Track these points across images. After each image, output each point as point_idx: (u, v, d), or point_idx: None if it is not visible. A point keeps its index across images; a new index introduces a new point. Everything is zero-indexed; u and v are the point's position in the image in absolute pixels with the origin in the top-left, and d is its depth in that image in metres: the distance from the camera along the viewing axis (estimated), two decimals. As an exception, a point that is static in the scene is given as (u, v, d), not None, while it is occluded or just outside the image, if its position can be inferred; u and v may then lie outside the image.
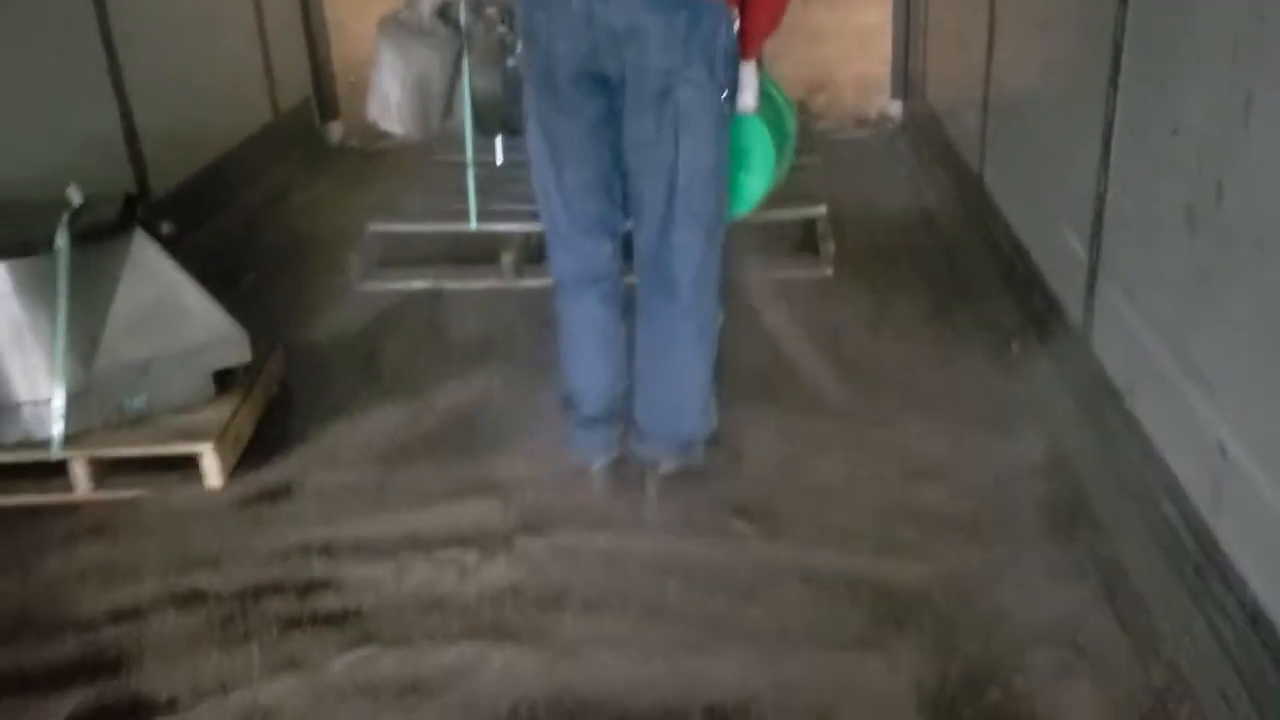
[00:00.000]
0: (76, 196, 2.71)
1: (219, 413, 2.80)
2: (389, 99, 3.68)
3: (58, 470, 2.68)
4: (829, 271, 3.71)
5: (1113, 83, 2.43)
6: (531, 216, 3.83)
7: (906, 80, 5.50)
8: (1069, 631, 2.14)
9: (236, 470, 2.79)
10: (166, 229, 2.91)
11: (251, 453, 2.87)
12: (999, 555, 2.37)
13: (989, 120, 3.77)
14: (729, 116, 2.36)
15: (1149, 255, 2.26)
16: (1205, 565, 1.94)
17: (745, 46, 2.33)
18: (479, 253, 3.96)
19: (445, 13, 3.73)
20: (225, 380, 2.91)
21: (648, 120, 2.28)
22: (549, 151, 2.39)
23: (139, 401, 2.74)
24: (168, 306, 2.78)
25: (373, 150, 5.66)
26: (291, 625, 2.24)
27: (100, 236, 2.69)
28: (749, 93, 2.43)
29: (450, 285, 3.83)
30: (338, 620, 2.25)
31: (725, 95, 2.30)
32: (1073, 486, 2.57)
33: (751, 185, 2.58)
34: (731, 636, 2.16)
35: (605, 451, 2.64)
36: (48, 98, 3.41)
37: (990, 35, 3.76)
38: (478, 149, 3.94)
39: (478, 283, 3.80)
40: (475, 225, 3.80)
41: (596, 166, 2.39)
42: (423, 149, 4.66)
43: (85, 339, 2.66)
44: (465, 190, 3.85)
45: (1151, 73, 2.29)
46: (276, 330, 3.37)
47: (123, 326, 2.72)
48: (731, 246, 2.60)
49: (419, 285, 3.83)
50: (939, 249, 4.02)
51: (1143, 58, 2.34)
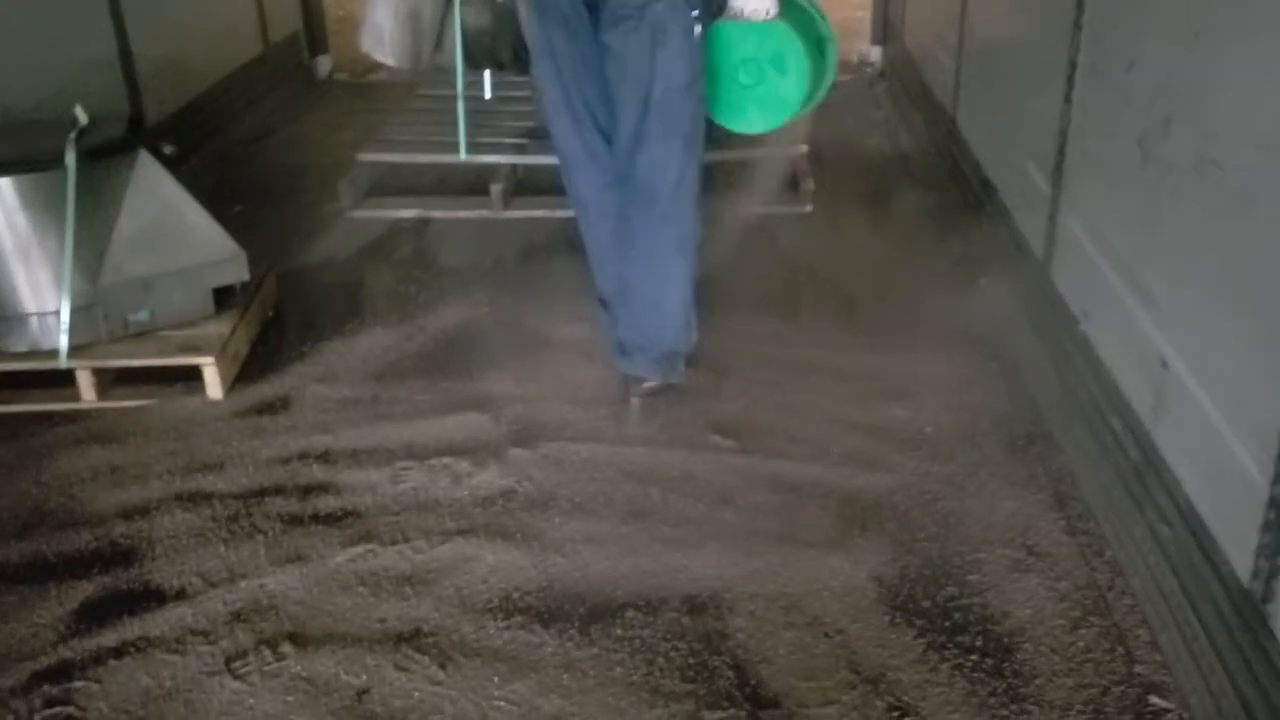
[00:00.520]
0: (83, 116, 2.80)
1: (219, 328, 2.92)
2: (382, 30, 3.75)
3: (65, 379, 2.79)
4: (808, 208, 3.84)
5: (1076, 24, 2.55)
6: (518, 149, 3.96)
7: (886, 26, 5.60)
8: (1020, 535, 2.31)
9: (236, 384, 2.91)
10: (169, 150, 2.99)
11: (250, 368, 3.00)
12: (959, 467, 2.53)
13: (963, 63, 3.89)
14: (703, 34, 2.49)
15: (1105, 186, 2.40)
16: (1146, 471, 2.10)
17: None
18: (468, 183, 4.07)
19: (437, -54, 3.79)
20: (224, 298, 3.02)
21: (622, 33, 2.42)
22: (555, 72, 2.55)
23: (142, 315, 2.86)
24: (170, 224, 2.88)
25: (361, 84, 5.73)
26: (294, 523, 2.38)
27: (106, 155, 2.79)
28: None
29: (439, 214, 3.94)
30: (338, 519, 2.39)
31: (696, 13, 2.44)
32: (1030, 405, 2.74)
33: (788, 88, 2.65)
34: (707, 537, 2.31)
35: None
36: (47, 25, 3.47)
37: (967, -20, 3.87)
38: (466, 83, 4.02)
39: (466, 212, 3.91)
40: (465, 156, 3.90)
41: (600, 81, 2.54)
42: (410, 83, 4.74)
43: (91, 254, 2.77)
44: (453, 123, 3.94)
45: (1111, 13, 2.42)
46: (270, 254, 3.48)
47: (127, 243, 2.82)
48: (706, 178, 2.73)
49: (408, 214, 3.94)
50: (914, 187, 4.15)
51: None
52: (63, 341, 2.76)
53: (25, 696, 1.94)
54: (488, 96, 4.32)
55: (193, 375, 2.85)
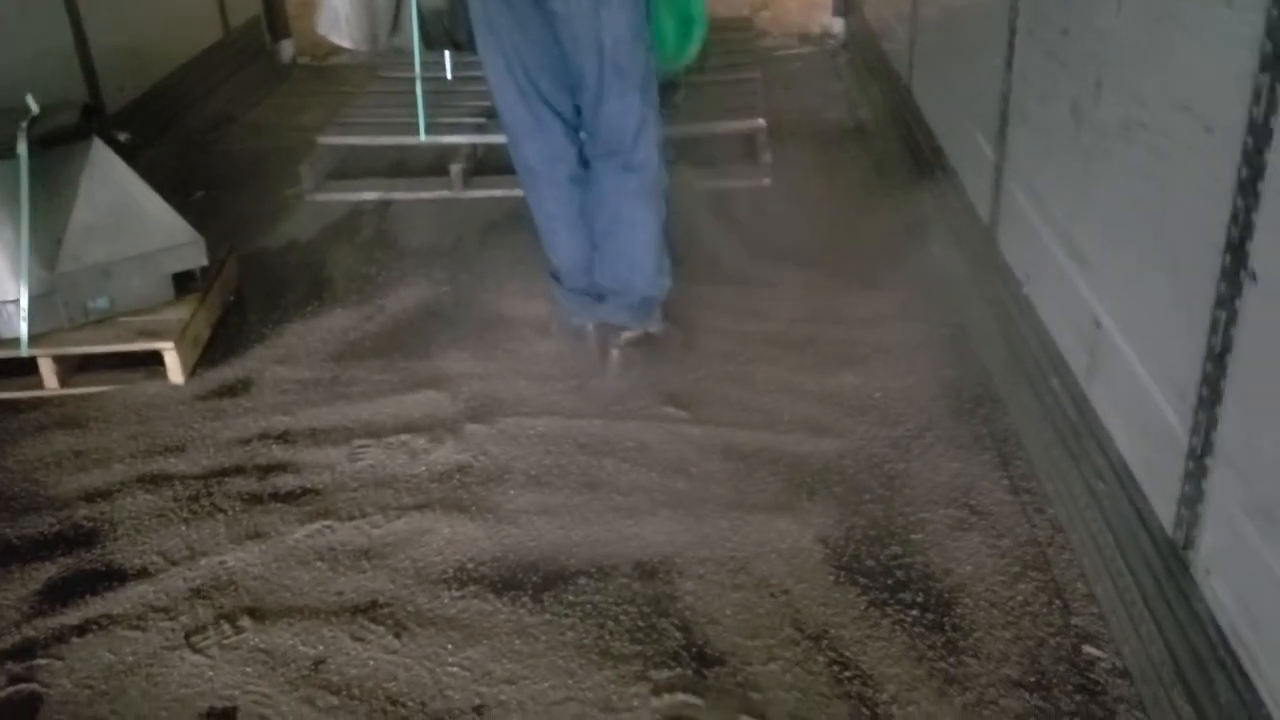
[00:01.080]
0: (34, 105, 2.82)
1: (179, 313, 2.95)
2: (338, 13, 3.78)
3: (27, 368, 2.82)
4: (766, 181, 3.87)
5: (1016, -11, 2.60)
6: (478, 129, 3.99)
7: (847, -2, 5.64)
8: (964, 494, 2.37)
9: (197, 368, 2.95)
10: (124, 137, 3.01)
11: (211, 352, 3.03)
12: (906, 431, 2.58)
13: (916, 33, 3.93)
14: None
15: (1043, 150, 2.45)
16: (1082, 428, 2.16)
17: None
18: (428, 164, 4.09)
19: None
20: (184, 284, 3.05)
21: None
22: (496, 43, 2.60)
23: (102, 302, 2.88)
24: (127, 211, 2.90)
25: (324, 68, 5.73)
26: (253, 502, 2.43)
27: (59, 143, 2.81)
28: None
29: (400, 196, 3.96)
30: (296, 497, 2.44)
31: None
32: (977, 370, 2.79)
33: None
34: (659, 504, 2.36)
35: (586, 315, 2.88)
36: (1, 13, 3.47)
37: (919, -49, 3.90)
38: (427, 64, 4.04)
39: (427, 193, 3.93)
40: (424, 137, 3.92)
41: (541, 49, 2.60)
42: (372, 65, 4.76)
43: (48, 242, 2.79)
44: (414, 104, 3.96)
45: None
46: (231, 239, 3.50)
47: (84, 230, 2.84)
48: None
49: (369, 196, 3.96)
50: (871, 158, 4.19)
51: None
52: (23, 330, 2.79)
53: (-11, 675, 1.98)
54: (449, 77, 4.35)
55: (154, 360, 2.88)
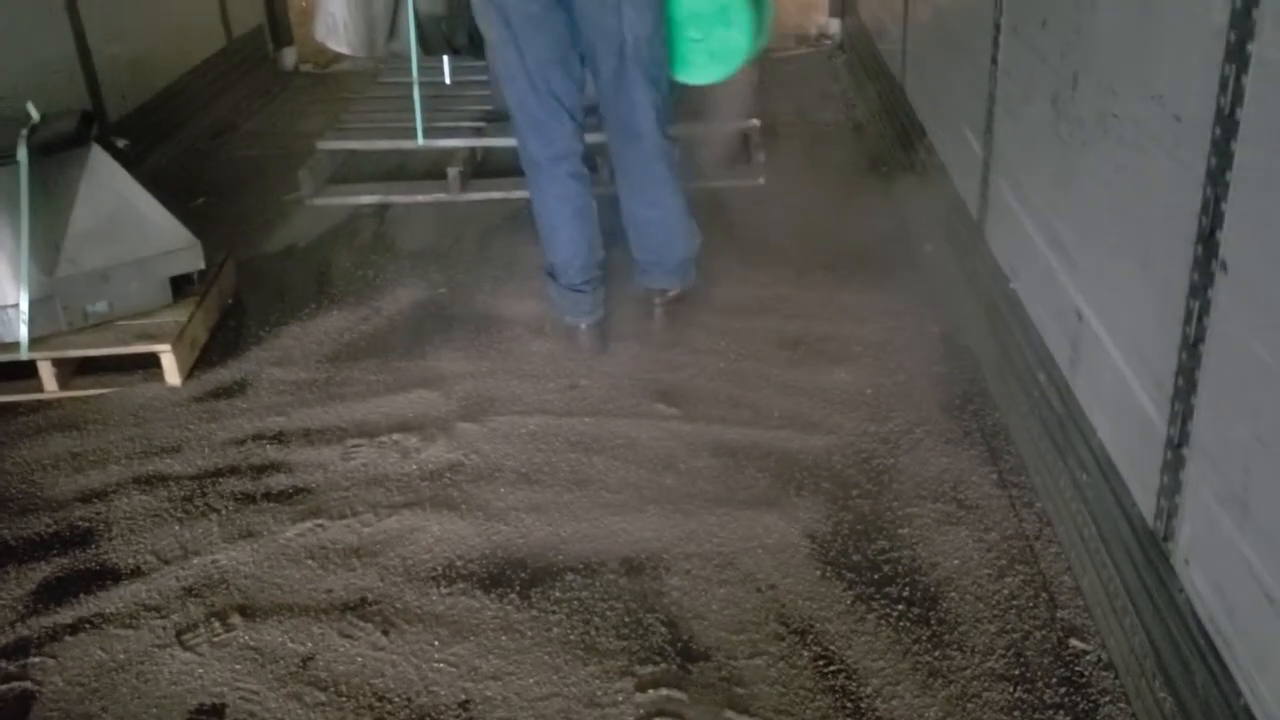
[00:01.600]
0: (34, 113, 2.85)
1: (176, 316, 2.98)
2: (336, 19, 3.81)
3: (27, 371, 2.85)
4: (760, 180, 3.89)
5: (1001, -14, 2.61)
6: (475, 133, 4.01)
7: (844, -1, 5.66)
8: (952, 489, 2.38)
9: (194, 370, 2.97)
10: (122, 144, 3.05)
11: (208, 354, 3.06)
12: (896, 427, 2.59)
13: (909, 33, 3.94)
14: None
15: (1026, 145, 2.46)
16: (1067, 421, 2.16)
17: None
18: (426, 168, 4.12)
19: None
20: (182, 287, 3.08)
21: None
22: (509, 36, 2.66)
23: (100, 306, 2.91)
24: (125, 216, 2.93)
25: (326, 75, 5.77)
26: (247, 501, 2.45)
27: (58, 150, 2.84)
28: None
29: (398, 199, 3.99)
30: (289, 496, 2.46)
31: None
32: (969, 364, 2.80)
33: (735, 39, 2.85)
34: (647, 501, 2.37)
35: (589, 315, 2.94)
36: (4, 23, 3.51)
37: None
38: (425, 69, 4.06)
39: (425, 196, 3.96)
40: (421, 141, 3.95)
41: (554, 45, 2.67)
42: (374, 71, 4.79)
43: (47, 247, 2.82)
44: (412, 109, 3.98)
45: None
46: (231, 244, 3.54)
47: (83, 235, 2.87)
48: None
49: (368, 200, 3.99)
50: (866, 157, 4.20)
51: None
52: (23, 333, 2.82)
53: (-17, 673, 2.01)
54: (447, 82, 4.38)
55: (152, 363, 2.90)
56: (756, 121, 3.99)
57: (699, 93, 4.19)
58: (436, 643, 2.02)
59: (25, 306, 2.80)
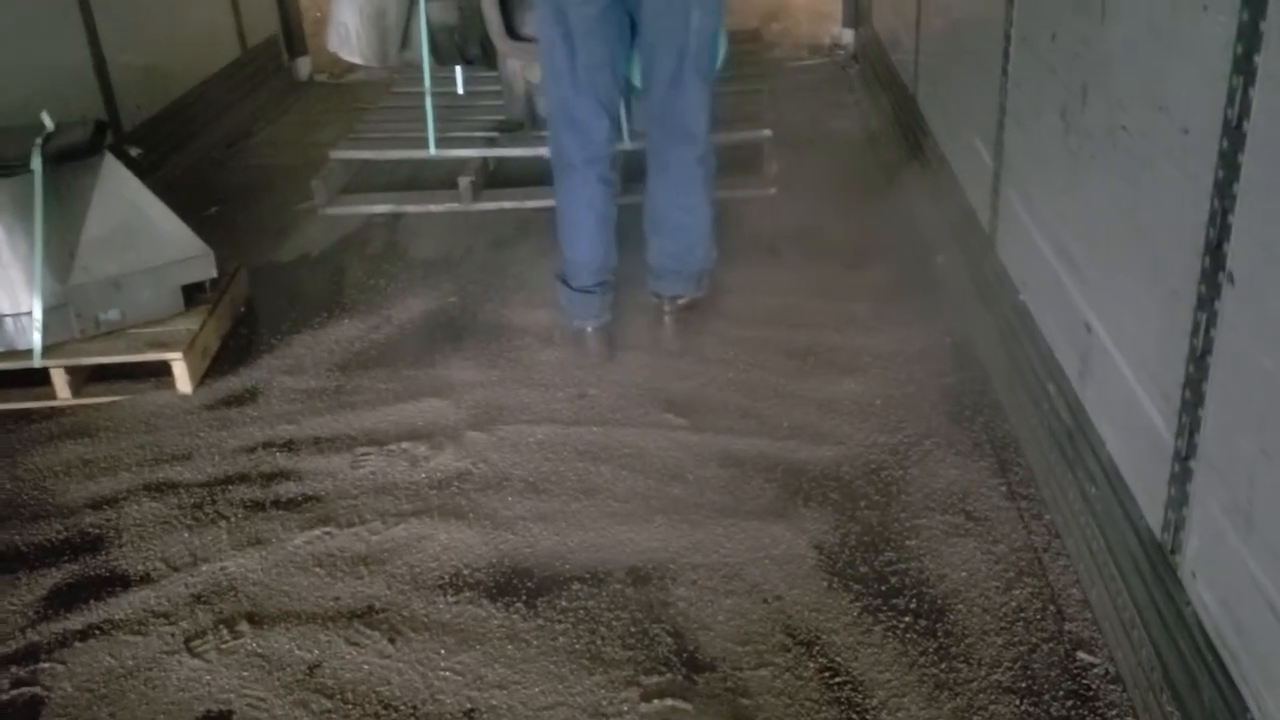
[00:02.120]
0: (48, 122, 2.88)
1: (188, 324, 3.00)
2: (348, 29, 3.82)
3: (40, 378, 2.87)
4: (772, 191, 3.89)
5: (1010, -1, 2.61)
6: (488, 143, 4.03)
7: (857, 9, 5.65)
8: (961, 500, 2.37)
9: (205, 378, 2.99)
10: (135, 153, 3.07)
11: (219, 362, 3.07)
12: (905, 438, 2.59)
13: (921, 43, 3.94)
14: None
15: (1036, 156, 2.46)
16: (1076, 433, 2.16)
17: None
18: (439, 178, 4.13)
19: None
20: (194, 296, 3.09)
21: None
22: (562, 35, 2.68)
23: (113, 314, 2.93)
24: (137, 225, 2.95)
25: (340, 85, 5.80)
26: (256, 509, 2.46)
27: (72, 159, 2.86)
28: None
29: (410, 209, 4.01)
30: (298, 504, 2.47)
31: None
32: (979, 376, 2.79)
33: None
34: (654, 511, 2.37)
35: (598, 318, 2.95)
36: (20, 34, 3.55)
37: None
38: (439, 79, 4.08)
39: (437, 206, 3.97)
40: (434, 151, 3.96)
41: (607, 47, 2.70)
42: (389, 81, 4.81)
43: (61, 255, 2.84)
44: (424, 118, 4.00)
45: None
46: (244, 253, 3.56)
47: (96, 244, 2.89)
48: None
49: (380, 209, 4.00)
50: (878, 168, 4.20)
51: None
52: (36, 341, 2.84)
53: (-7, 678, 2.02)
54: (460, 92, 4.39)
55: (164, 371, 2.92)
56: (768, 131, 3.99)
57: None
58: (443, 651, 2.02)
59: (39, 314, 2.82)
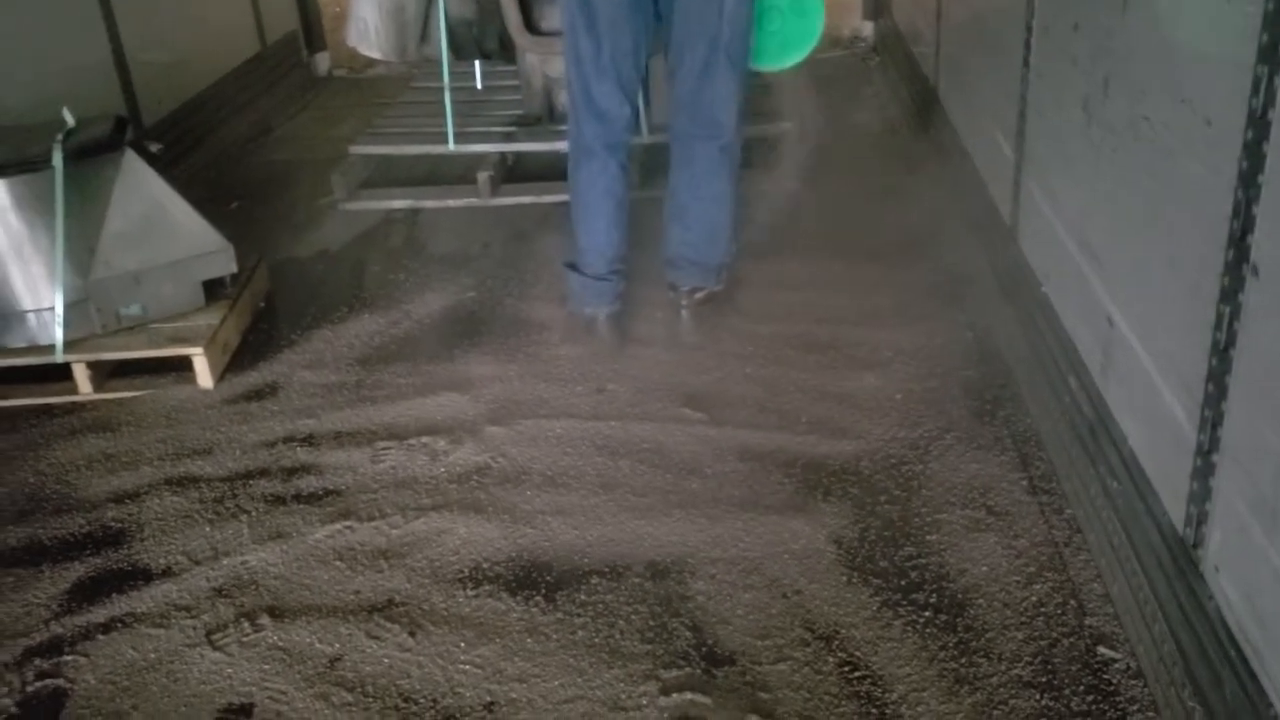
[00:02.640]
0: (69, 118, 2.89)
1: (209, 319, 3.01)
2: (367, 24, 3.83)
3: (62, 373, 2.89)
4: (791, 183, 3.87)
5: (1032, -13, 2.59)
6: (506, 138, 4.03)
7: (876, 1, 5.62)
8: (981, 495, 2.36)
9: (226, 373, 3.00)
10: (155, 148, 3.08)
11: (240, 357, 3.09)
12: (926, 432, 2.58)
13: (941, 35, 3.91)
14: None
15: (1058, 149, 2.44)
16: (1098, 428, 2.14)
17: None
18: (457, 173, 4.14)
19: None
20: (214, 291, 3.11)
21: None
22: (587, 23, 2.68)
23: (134, 309, 2.95)
24: (158, 220, 2.97)
25: (360, 80, 5.81)
26: (277, 503, 2.47)
27: (92, 154, 2.88)
28: None
29: (429, 204, 4.01)
30: (319, 498, 2.48)
31: None
32: (999, 370, 2.78)
33: (810, 27, 2.99)
34: (673, 505, 2.37)
35: (610, 305, 2.96)
36: (40, 30, 3.57)
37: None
38: (457, 74, 4.09)
39: (455, 201, 3.98)
40: (453, 146, 3.97)
41: (633, 35, 2.71)
42: (408, 76, 4.82)
43: (82, 250, 2.86)
44: (443, 113, 4.00)
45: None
46: (263, 247, 3.58)
47: (116, 239, 2.91)
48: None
49: (399, 204, 4.01)
50: (898, 161, 4.17)
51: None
52: (58, 336, 2.86)
53: (18, 670, 2.04)
54: (479, 87, 4.40)
55: (184, 365, 2.94)
56: (788, 124, 3.98)
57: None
58: (462, 644, 2.03)
59: (60, 309, 2.84)
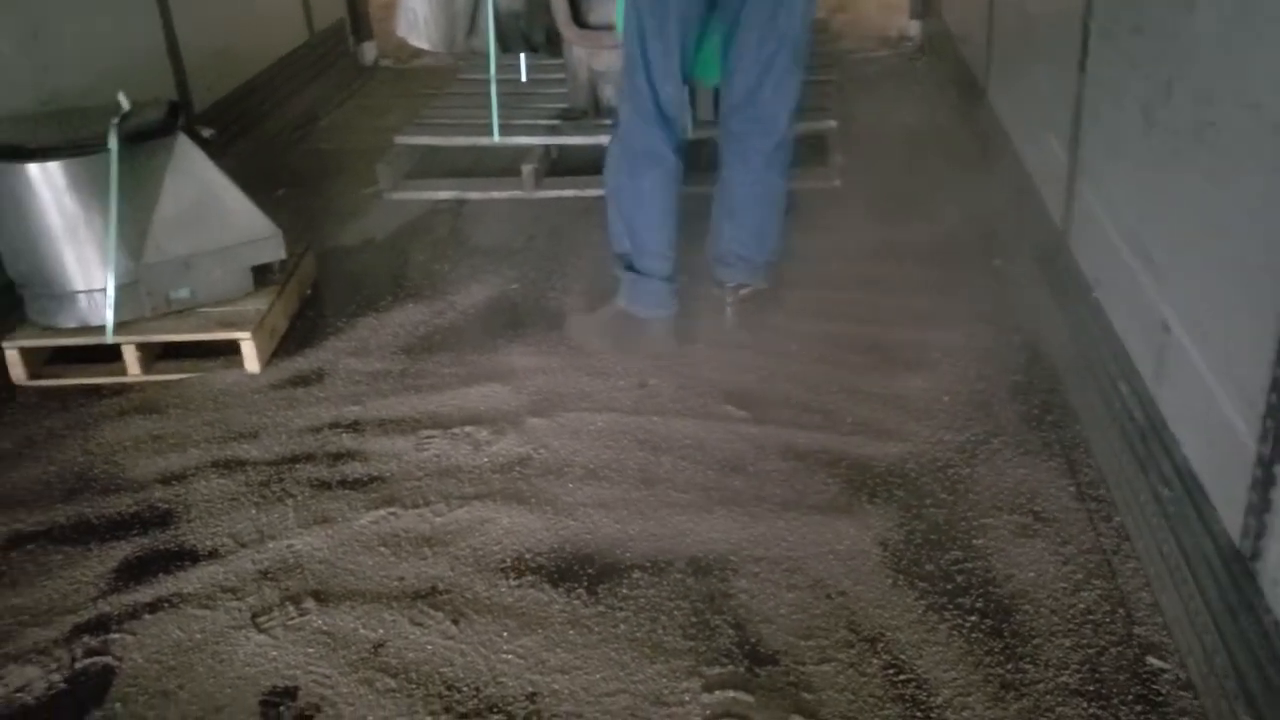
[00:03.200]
0: (125, 102, 2.92)
1: (257, 304, 3.03)
2: (416, 15, 3.85)
3: (112, 354, 2.92)
4: (836, 182, 3.85)
5: (1090, -10, 2.56)
6: (551, 130, 4.03)
7: (924, 1, 5.58)
8: (1029, 500, 2.33)
9: (273, 358, 3.03)
10: (208, 133, 3.11)
11: (287, 343, 3.11)
12: (973, 436, 2.55)
13: (993, 36, 3.88)
14: None
15: (1114, 153, 2.41)
16: (1150, 435, 2.12)
17: None
18: (502, 165, 4.14)
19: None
20: (263, 276, 3.13)
21: None
22: (658, 25, 2.70)
23: (184, 292, 2.98)
24: (209, 205, 2.99)
25: (406, 70, 5.84)
26: (322, 488, 2.49)
27: (147, 138, 2.91)
28: None
29: (474, 195, 4.03)
30: (363, 484, 2.49)
31: None
32: (1049, 374, 2.75)
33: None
34: (715, 502, 2.36)
35: (667, 307, 2.95)
36: (98, 14, 3.61)
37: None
38: (503, 67, 4.10)
39: (499, 193, 3.99)
40: (497, 138, 3.98)
41: (696, 34, 2.74)
42: (453, 68, 4.84)
43: (134, 233, 2.89)
44: (489, 105, 4.02)
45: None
46: (310, 235, 3.60)
47: (168, 223, 2.94)
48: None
49: (444, 195, 4.03)
50: (946, 161, 4.14)
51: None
52: (109, 318, 2.89)
53: (67, 646, 2.06)
54: (524, 79, 4.41)
55: (232, 350, 2.96)
56: (834, 123, 3.95)
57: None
58: (505, 634, 2.03)
59: (112, 291, 2.87)
